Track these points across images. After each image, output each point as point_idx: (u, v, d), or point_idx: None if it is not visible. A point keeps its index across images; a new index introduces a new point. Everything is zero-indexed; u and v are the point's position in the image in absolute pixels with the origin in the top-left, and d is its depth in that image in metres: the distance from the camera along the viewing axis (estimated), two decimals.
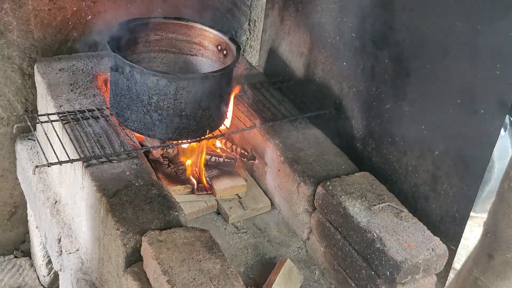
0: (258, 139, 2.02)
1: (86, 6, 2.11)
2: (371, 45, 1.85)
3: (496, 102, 1.48)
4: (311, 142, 1.97)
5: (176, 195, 1.76)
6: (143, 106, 1.71)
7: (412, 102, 1.73)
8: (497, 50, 1.45)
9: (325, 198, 1.73)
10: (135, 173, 1.66)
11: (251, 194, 2.02)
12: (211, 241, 1.45)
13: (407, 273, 1.52)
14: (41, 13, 2.03)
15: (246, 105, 2.07)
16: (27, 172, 2.11)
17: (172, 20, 1.96)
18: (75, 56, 2.15)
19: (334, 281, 1.76)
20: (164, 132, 1.76)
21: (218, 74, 1.74)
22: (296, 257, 1.84)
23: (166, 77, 1.67)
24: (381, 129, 1.86)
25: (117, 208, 1.52)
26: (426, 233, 1.61)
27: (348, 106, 2.00)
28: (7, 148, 2.24)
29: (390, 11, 1.75)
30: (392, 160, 1.84)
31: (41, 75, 2.00)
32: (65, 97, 1.92)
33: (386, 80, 1.81)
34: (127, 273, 1.44)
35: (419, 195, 1.76)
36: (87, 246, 1.73)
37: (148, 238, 1.42)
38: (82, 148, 1.70)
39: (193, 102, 1.72)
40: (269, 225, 1.95)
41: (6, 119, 2.17)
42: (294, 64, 2.26)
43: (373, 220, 1.62)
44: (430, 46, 1.65)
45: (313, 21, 2.11)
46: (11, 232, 2.49)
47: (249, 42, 2.62)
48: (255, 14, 2.55)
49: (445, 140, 1.65)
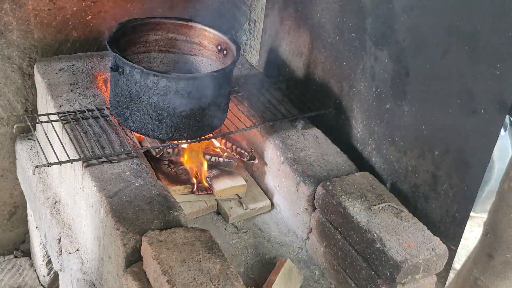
0: (258, 139, 2.02)
1: (86, 6, 2.11)
2: (371, 45, 1.85)
3: (496, 102, 1.47)
4: (311, 142, 1.97)
5: (176, 195, 1.76)
6: (143, 106, 1.71)
7: (412, 102, 1.73)
8: (497, 50, 1.45)
9: (325, 198, 1.72)
10: (135, 173, 1.66)
11: (251, 194, 2.02)
12: (211, 241, 1.45)
13: (407, 273, 1.52)
14: (41, 13, 2.03)
15: (246, 105, 2.07)
16: (27, 172, 2.11)
17: (172, 20, 1.96)
18: (75, 56, 2.15)
19: (334, 281, 1.76)
20: (164, 132, 1.76)
21: (218, 74, 1.74)
22: (296, 257, 1.84)
23: (166, 77, 1.66)
24: (381, 129, 1.86)
25: (117, 208, 1.52)
26: (426, 233, 1.61)
27: (348, 106, 2.00)
28: (7, 148, 2.24)
29: (390, 11, 1.75)
30: (392, 160, 1.84)
31: (41, 75, 2.00)
32: (65, 97, 1.92)
33: (386, 80, 1.81)
34: (127, 273, 1.44)
35: (419, 195, 1.76)
36: (87, 246, 1.73)
37: (148, 238, 1.42)
38: (82, 148, 1.70)
39: (193, 102, 1.72)
40: (269, 225, 1.95)
41: (6, 119, 2.17)
42: (294, 64, 2.26)
43: (373, 220, 1.62)
44: (430, 46, 1.65)
45: (313, 21, 2.11)
46: (11, 232, 2.49)
47: (249, 42, 2.62)
48: (255, 14, 2.54)
49: (445, 140, 1.65)
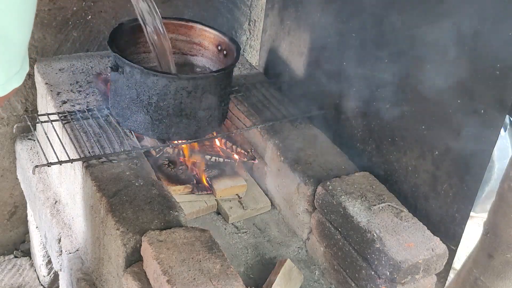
0: (258, 139, 2.02)
1: (86, 6, 2.11)
2: (371, 45, 1.84)
3: (496, 102, 1.47)
4: (311, 142, 1.97)
5: (176, 195, 1.76)
6: (143, 106, 1.71)
7: (412, 102, 1.73)
8: (497, 50, 1.45)
9: (325, 198, 1.72)
10: (135, 173, 1.66)
11: (251, 194, 2.02)
12: (211, 241, 1.44)
13: (407, 273, 1.52)
14: (41, 13, 2.03)
15: (246, 105, 2.07)
16: (27, 172, 2.11)
17: (172, 20, 1.96)
18: (75, 56, 2.15)
19: (334, 281, 1.76)
20: (164, 132, 1.76)
21: (218, 74, 1.74)
22: (296, 257, 1.84)
23: (166, 77, 1.66)
24: (381, 129, 1.86)
25: (117, 208, 1.52)
26: (426, 233, 1.61)
27: (348, 106, 2.00)
28: (7, 148, 2.24)
29: (390, 11, 1.75)
30: (392, 160, 1.84)
31: (41, 75, 2.00)
32: (65, 97, 1.92)
33: (386, 80, 1.81)
34: (127, 273, 1.44)
35: (419, 195, 1.76)
36: (87, 246, 1.73)
37: (148, 238, 1.42)
38: (82, 148, 1.70)
39: (193, 102, 1.72)
40: (269, 225, 1.95)
41: (6, 119, 2.17)
42: (294, 64, 2.26)
43: (373, 220, 1.62)
44: (430, 46, 1.65)
45: (313, 21, 2.11)
46: (11, 232, 2.49)
47: (249, 42, 2.62)
48: (255, 14, 2.54)
49: (445, 140, 1.65)
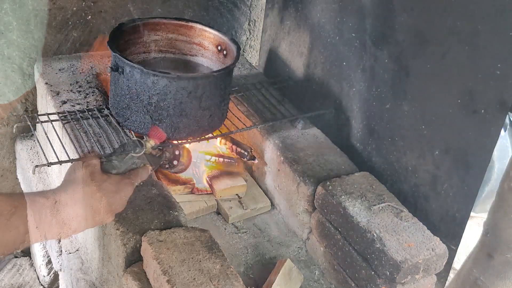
0: (258, 139, 2.02)
1: (86, 6, 2.11)
2: (371, 45, 1.84)
3: (496, 102, 1.47)
4: (311, 142, 1.97)
5: (176, 195, 1.76)
6: (143, 106, 1.71)
7: (412, 102, 1.73)
8: (497, 50, 1.45)
9: (325, 198, 1.72)
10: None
11: (251, 194, 2.02)
12: (211, 241, 1.45)
13: (407, 273, 1.52)
14: (41, 13, 2.03)
15: (246, 105, 2.07)
16: (27, 172, 2.11)
17: (172, 20, 1.96)
18: (75, 56, 2.15)
19: (334, 281, 1.76)
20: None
21: (218, 74, 1.74)
22: (296, 257, 1.84)
23: (166, 77, 1.66)
24: (381, 129, 1.86)
25: None
26: (426, 233, 1.61)
27: (348, 106, 2.00)
28: (7, 148, 2.24)
29: (390, 10, 1.75)
30: (392, 160, 1.84)
31: (41, 75, 2.00)
32: (65, 97, 1.92)
33: (386, 80, 1.81)
34: (127, 273, 1.44)
35: (419, 195, 1.76)
36: (87, 246, 1.73)
37: (148, 238, 1.42)
38: (82, 148, 1.70)
39: (193, 102, 1.72)
40: (269, 225, 1.95)
41: (6, 119, 2.17)
42: (294, 64, 2.26)
43: (373, 220, 1.62)
44: (430, 46, 1.65)
45: (313, 21, 2.11)
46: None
47: (249, 42, 2.62)
48: (255, 14, 2.55)
49: (445, 140, 1.65)
